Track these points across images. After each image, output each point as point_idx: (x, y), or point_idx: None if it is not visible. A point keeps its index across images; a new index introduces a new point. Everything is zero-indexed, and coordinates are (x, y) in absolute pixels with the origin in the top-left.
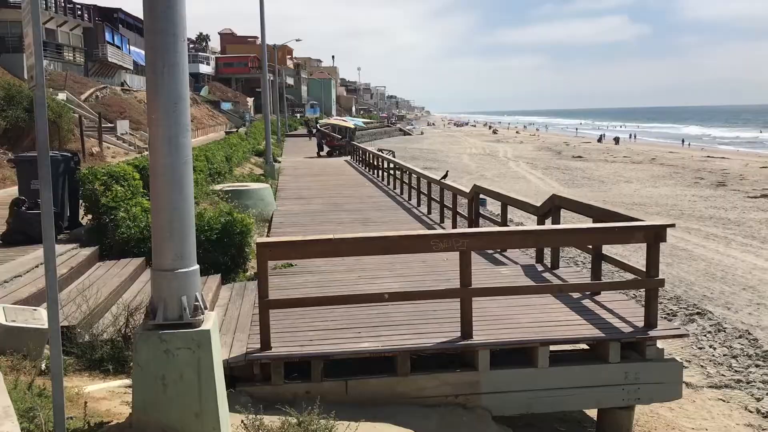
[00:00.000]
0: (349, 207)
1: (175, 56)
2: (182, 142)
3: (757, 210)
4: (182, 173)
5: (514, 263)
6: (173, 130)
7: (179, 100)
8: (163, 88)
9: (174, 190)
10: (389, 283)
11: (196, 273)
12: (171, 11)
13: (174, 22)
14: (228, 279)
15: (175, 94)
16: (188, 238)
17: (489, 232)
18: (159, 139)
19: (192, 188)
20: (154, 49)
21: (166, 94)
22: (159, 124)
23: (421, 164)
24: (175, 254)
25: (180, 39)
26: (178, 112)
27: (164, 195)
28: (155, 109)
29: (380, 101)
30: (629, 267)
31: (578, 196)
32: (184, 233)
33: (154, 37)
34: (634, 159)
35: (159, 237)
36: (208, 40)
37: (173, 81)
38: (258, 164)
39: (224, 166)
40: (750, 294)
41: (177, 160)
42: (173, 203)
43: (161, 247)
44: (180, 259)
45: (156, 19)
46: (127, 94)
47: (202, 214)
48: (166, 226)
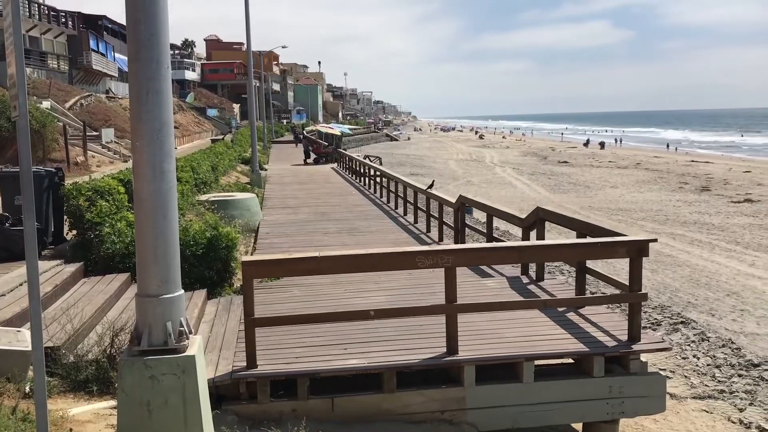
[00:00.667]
0: (335, 216)
1: (159, 83)
2: (166, 168)
3: (740, 215)
4: (167, 199)
5: (500, 274)
6: (158, 156)
7: (163, 127)
8: (147, 114)
9: (158, 216)
10: (376, 296)
11: (181, 298)
12: (154, 39)
13: (157, 49)
14: (214, 293)
15: (159, 120)
16: (173, 264)
17: (474, 248)
18: (143, 165)
19: (176, 213)
20: (137, 76)
21: (150, 121)
22: (143, 150)
23: (408, 170)
24: (160, 280)
25: (163, 66)
26: (162, 139)
27: (148, 221)
28: (139, 136)
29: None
30: (613, 280)
31: (564, 201)
32: (168, 259)
33: (137, 65)
34: (619, 164)
35: (143, 263)
36: (194, 47)
37: (157, 108)
38: (244, 172)
39: (210, 175)
40: (734, 300)
41: (161, 186)
42: (158, 230)
43: (146, 272)
44: (165, 285)
45: (140, 48)
46: (112, 102)
47: (188, 229)
48: (151, 252)
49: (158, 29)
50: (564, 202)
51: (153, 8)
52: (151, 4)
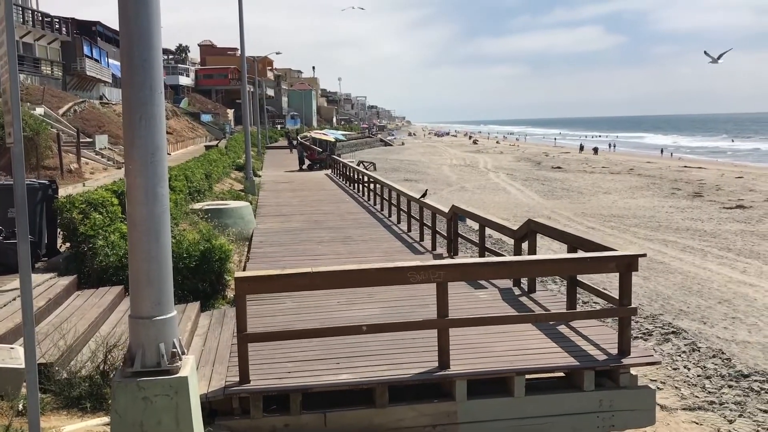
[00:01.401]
0: (329, 224)
1: (152, 108)
2: (159, 192)
3: (732, 221)
4: (160, 223)
5: (493, 285)
6: (151, 180)
7: (156, 151)
8: (140, 139)
9: (151, 239)
10: (369, 309)
11: (173, 319)
12: (147, 65)
13: (150, 75)
14: (207, 306)
15: (153, 145)
16: (166, 286)
17: (465, 263)
18: (137, 189)
19: (169, 236)
20: (130, 101)
21: (143, 146)
22: (137, 174)
23: (402, 176)
24: (153, 302)
25: (157, 91)
26: (156, 163)
27: (142, 244)
28: (133, 160)
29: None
30: (603, 294)
31: (558, 208)
32: (161, 281)
33: (131, 90)
34: (612, 169)
35: (136, 285)
36: (188, 52)
37: (150, 132)
38: (238, 179)
39: (204, 183)
40: (725, 308)
41: (155, 210)
42: (151, 252)
43: (139, 294)
44: (158, 306)
45: (133, 73)
46: (105, 108)
47: (181, 242)
48: (144, 275)
49: (151, 55)
50: (557, 209)
51: (146, 34)
52: (145, 30)
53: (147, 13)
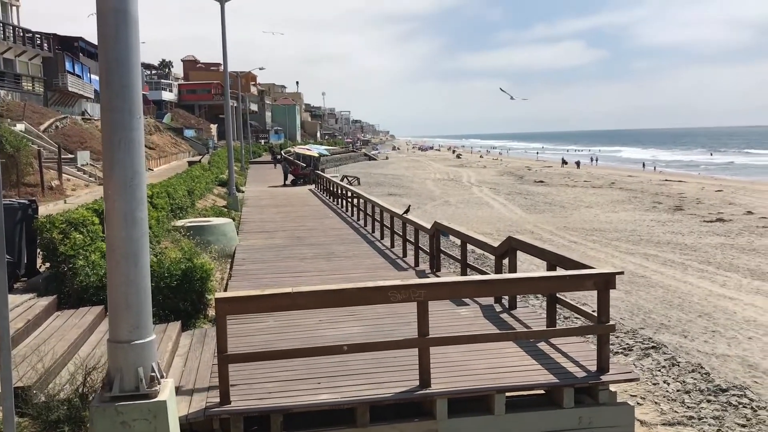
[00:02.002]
0: (312, 240)
1: (131, 132)
2: (138, 216)
3: (712, 234)
4: (138, 247)
5: (474, 302)
6: (130, 204)
7: (135, 175)
8: (119, 163)
9: (130, 264)
10: (350, 327)
11: (152, 343)
12: (127, 90)
13: (130, 99)
14: (188, 325)
15: (132, 169)
16: (144, 310)
17: (446, 282)
18: (115, 213)
19: (148, 260)
20: (110, 125)
21: (123, 170)
22: (115, 198)
23: (386, 190)
24: (132, 326)
25: (136, 116)
26: (135, 187)
27: (120, 269)
28: (111, 184)
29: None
30: (582, 311)
31: (540, 222)
32: (140, 305)
33: (110, 114)
34: (594, 183)
35: (115, 309)
36: (171, 67)
37: (129, 157)
38: (221, 195)
39: (186, 200)
40: (706, 321)
41: (133, 234)
42: (129, 277)
43: (117, 319)
44: (136, 331)
45: (113, 98)
46: (87, 124)
47: (162, 261)
48: (122, 300)
49: (131, 80)
50: (540, 223)
51: (125, 60)
52: (124, 56)
53: (126, 39)
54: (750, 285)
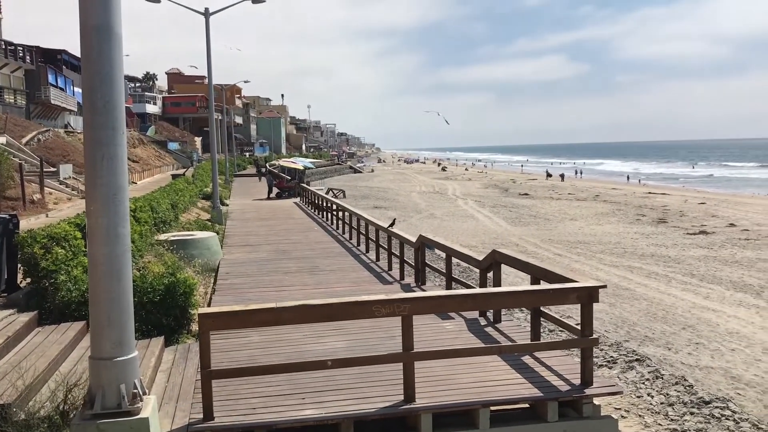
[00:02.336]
0: (297, 254)
1: (114, 149)
2: (121, 232)
3: (695, 247)
4: (121, 263)
5: (459, 316)
6: (113, 220)
7: (118, 191)
8: (102, 179)
9: (113, 280)
10: (335, 341)
11: (135, 359)
12: (110, 106)
13: (113, 115)
14: (172, 340)
15: (115, 185)
16: (127, 326)
17: (430, 296)
18: (98, 229)
19: (131, 276)
20: (93, 141)
21: (105, 186)
22: (98, 214)
23: (372, 203)
24: (114, 342)
25: (119, 131)
26: (117, 202)
27: (102, 285)
28: (94, 200)
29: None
30: (566, 324)
31: (525, 235)
32: (122, 322)
33: (93, 131)
34: (578, 196)
35: (97, 326)
36: (156, 80)
37: (112, 172)
38: (205, 208)
39: (170, 214)
40: (689, 333)
41: (115, 250)
42: (112, 293)
43: (99, 335)
44: (118, 347)
45: (95, 114)
46: (70, 137)
47: (145, 276)
48: (105, 316)
49: (114, 97)
50: (525, 235)
51: (109, 77)
52: (108, 73)
53: (109, 56)
54: (733, 297)
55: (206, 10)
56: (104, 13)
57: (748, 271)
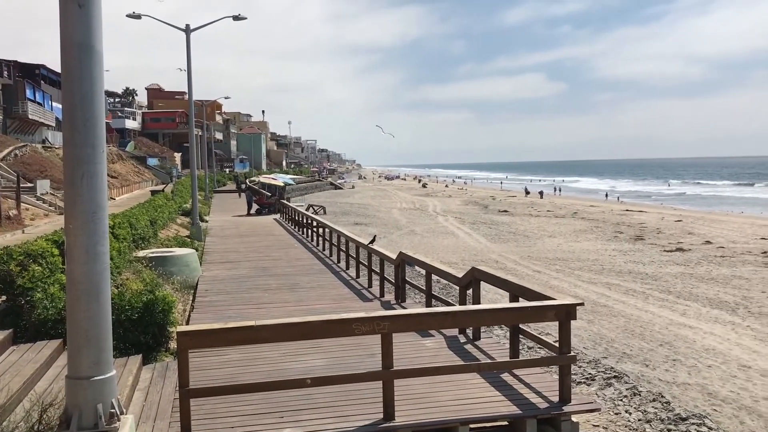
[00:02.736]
0: (277, 271)
1: (94, 167)
2: (100, 250)
3: (672, 264)
4: (100, 281)
5: (439, 333)
6: (92, 239)
7: (98, 209)
8: (81, 197)
9: (91, 298)
10: (314, 359)
11: (112, 379)
12: (90, 124)
13: (93, 134)
14: (150, 359)
15: (94, 203)
16: (105, 345)
17: (410, 314)
18: (77, 248)
19: (109, 294)
20: (73, 159)
21: (85, 204)
22: (77, 233)
23: (353, 219)
24: (92, 362)
25: (99, 150)
26: (97, 221)
27: (81, 303)
28: (73, 218)
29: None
30: (544, 342)
31: (505, 251)
32: (101, 341)
33: (73, 149)
34: (557, 213)
35: (75, 345)
36: (135, 95)
37: (91, 191)
38: (185, 225)
39: (148, 230)
40: (667, 350)
41: (94, 268)
42: (90, 312)
43: (77, 354)
44: (96, 366)
45: (75, 133)
46: (48, 152)
47: (123, 294)
48: (83, 335)
49: (94, 115)
50: (505, 252)
51: (89, 96)
52: (88, 92)
53: (91, 75)
54: (709, 314)
55: (187, 27)
56: (85, 32)
57: (723, 288)
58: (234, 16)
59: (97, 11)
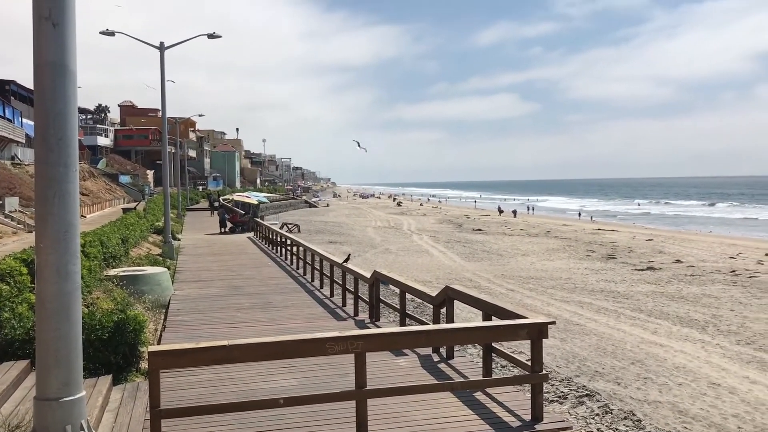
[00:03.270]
0: (250, 290)
1: (66, 185)
2: (71, 269)
3: (643, 283)
4: (71, 301)
5: (413, 352)
6: (63, 258)
7: (69, 228)
8: (53, 216)
9: (61, 318)
10: (288, 379)
11: (82, 400)
12: (63, 143)
13: (66, 152)
14: (120, 379)
15: (66, 222)
16: (75, 366)
17: (383, 333)
18: (48, 267)
19: (80, 314)
20: (45, 178)
21: (56, 223)
22: (48, 252)
23: (327, 238)
24: (61, 383)
25: (71, 168)
26: (68, 240)
27: (51, 323)
28: (44, 237)
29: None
30: (517, 360)
31: (479, 270)
32: (71, 361)
33: (45, 168)
34: (530, 232)
35: (44, 365)
36: (108, 112)
37: (63, 209)
38: (157, 243)
39: (120, 249)
40: (638, 368)
41: (65, 287)
42: (60, 332)
43: (46, 375)
44: (65, 387)
45: (48, 152)
46: (17, 169)
47: (94, 313)
48: (52, 356)
49: (67, 134)
50: (478, 271)
51: (63, 115)
52: (62, 111)
53: (64, 94)
54: (679, 332)
55: (161, 45)
56: (59, 51)
57: (693, 307)
58: (209, 35)
59: (71, 31)
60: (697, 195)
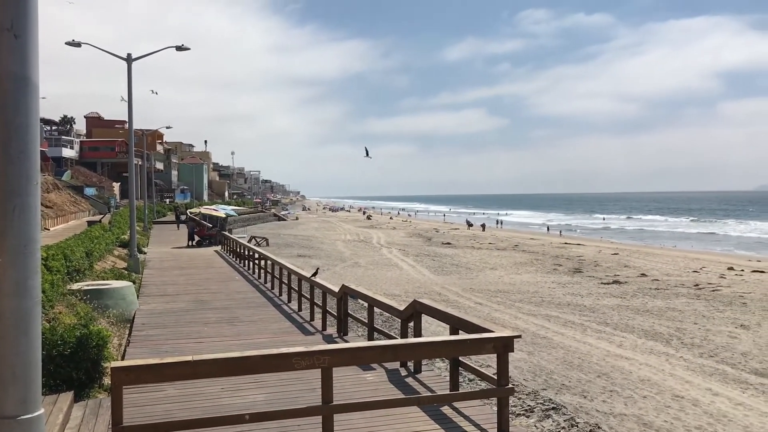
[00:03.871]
0: (216, 304)
1: (27, 198)
2: (31, 284)
3: (609, 296)
4: (30, 316)
5: (380, 366)
6: (22, 273)
7: (30, 243)
8: (13, 230)
9: (20, 333)
10: (254, 394)
11: (41, 418)
12: (24, 156)
13: (27, 165)
14: (82, 395)
15: (26, 236)
16: (34, 382)
17: (350, 348)
18: (6, 281)
19: (39, 330)
20: (5, 191)
21: (16, 237)
22: (7, 267)
23: (296, 251)
24: (18, 400)
25: (32, 182)
26: (28, 255)
27: (8, 339)
28: (4, 251)
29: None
30: (483, 374)
31: (447, 284)
32: (29, 378)
33: (5, 180)
34: (498, 245)
35: (0, 381)
36: (73, 123)
37: (24, 223)
38: (122, 256)
39: (84, 262)
40: (604, 381)
41: (24, 303)
42: (19, 348)
43: (2, 392)
44: (23, 405)
45: (8, 164)
46: None
47: (56, 328)
48: (9, 372)
49: (29, 147)
50: (447, 284)
51: (24, 127)
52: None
53: (26, 107)
54: (644, 345)
55: (129, 56)
56: (21, 63)
57: (658, 320)
58: (177, 47)
59: (34, 42)
60: (660, 210)
